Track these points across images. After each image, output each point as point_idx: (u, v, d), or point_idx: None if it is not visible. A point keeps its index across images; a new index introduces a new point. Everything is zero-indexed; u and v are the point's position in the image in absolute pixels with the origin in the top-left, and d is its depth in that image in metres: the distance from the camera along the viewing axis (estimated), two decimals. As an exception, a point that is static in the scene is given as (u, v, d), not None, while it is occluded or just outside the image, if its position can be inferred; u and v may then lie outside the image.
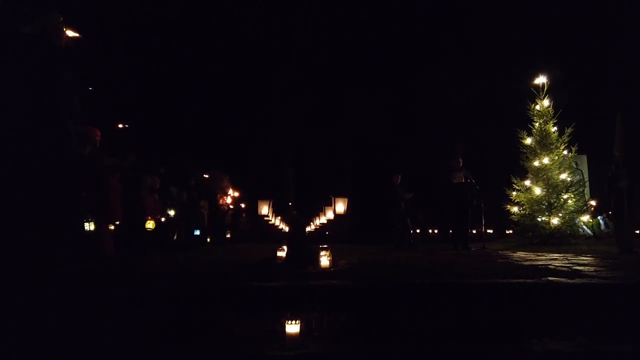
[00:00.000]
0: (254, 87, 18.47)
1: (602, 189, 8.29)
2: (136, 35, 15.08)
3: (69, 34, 4.04)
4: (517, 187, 10.15)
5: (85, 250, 5.76)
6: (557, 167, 9.73)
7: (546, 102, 10.01)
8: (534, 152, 10.01)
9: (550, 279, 3.45)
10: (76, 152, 4.97)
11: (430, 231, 22.00)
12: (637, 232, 7.94)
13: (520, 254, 6.75)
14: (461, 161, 8.92)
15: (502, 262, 5.27)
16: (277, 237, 8.37)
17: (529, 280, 3.40)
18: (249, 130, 19.68)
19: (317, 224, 6.55)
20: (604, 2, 16.34)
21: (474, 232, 11.59)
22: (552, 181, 9.67)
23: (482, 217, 9.10)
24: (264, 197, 5.52)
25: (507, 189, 10.37)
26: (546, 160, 9.74)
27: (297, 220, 4.97)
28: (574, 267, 4.32)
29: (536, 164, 9.87)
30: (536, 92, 10.09)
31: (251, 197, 16.42)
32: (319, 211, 6.17)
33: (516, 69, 13.71)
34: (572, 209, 9.58)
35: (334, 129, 19.42)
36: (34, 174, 3.52)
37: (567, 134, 9.83)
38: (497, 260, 5.61)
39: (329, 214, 5.47)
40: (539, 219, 9.64)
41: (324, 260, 4.35)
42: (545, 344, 2.71)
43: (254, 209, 6.51)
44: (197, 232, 11.19)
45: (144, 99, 16.28)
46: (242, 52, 17.83)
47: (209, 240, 12.28)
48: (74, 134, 4.01)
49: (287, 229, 5.92)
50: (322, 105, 18.68)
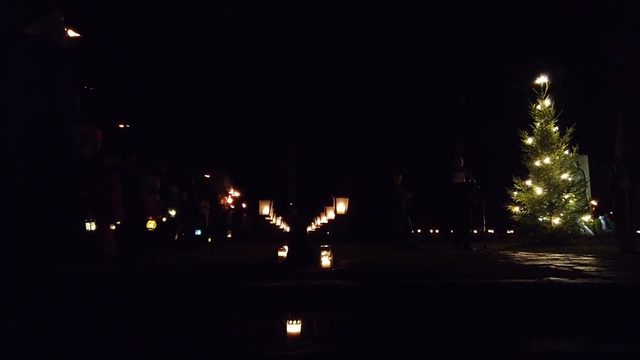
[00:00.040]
0: (254, 87, 18.45)
1: (604, 189, 8.30)
2: (136, 35, 15.06)
3: (70, 33, 4.04)
4: (518, 187, 10.13)
5: (85, 250, 5.76)
6: (559, 167, 9.71)
7: (547, 102, 10.00)
8: (535, 152, 10.00)
9: (551, 279, 3.45)
10: (77, 152, 4.98)
11: (431, 231, 22.01)
12: (639, 232, 7.91)
13: (521, 254, 6.74)
14: (462, 161, 8.92)
15: (503, 262, 5.26)
16: (278, 237, 8.39)
17: (530, 280, 3.39)
18: (249, 130, 19.65)
19: (318, 223, 6.55)
20: (604, 2, 16.30)
21: (475, 232, 11.60)
22: (553, 181, 9.66)
23: (483, 217, 9.11)
24: (265, 197, 5.52)
25: (508, 189, 10.34)
26: (547, 160, 9.73)
27: (298, 220, 4.96)
28: (575, 267, 4.32)
29: (537, 163, 9.85)
30: (537, 92, 10.08)
31: (252, 197, 16.40)
32: (320, 211, 6.16)
33: (516, 69, 13.69)
34: (574, 209, 9.57)
35: (334, 129, 19.41)
36: (35, 174, 3.52)
37: (569, 134, 9.82)
38: (498, 260, 5.60)
39: (330, 214, 5.46)
40: (540, 219, 9.62)
41: (325, 260, 4.34)
42: (546, 344, 2.71)
43: (255, 209, 6.50)
44: (198, 232, 11.19)
45: (145, 98, 16.27)
46: (242, 52, 17.80)
47: (209, 240, 12.26)
48: (75, 134, 4.01)
49: (288, 229, 5.93)
50: (323, 105, 18.67)
